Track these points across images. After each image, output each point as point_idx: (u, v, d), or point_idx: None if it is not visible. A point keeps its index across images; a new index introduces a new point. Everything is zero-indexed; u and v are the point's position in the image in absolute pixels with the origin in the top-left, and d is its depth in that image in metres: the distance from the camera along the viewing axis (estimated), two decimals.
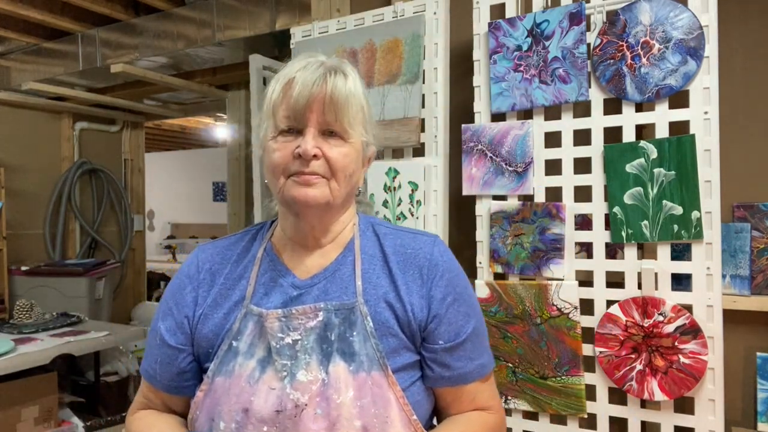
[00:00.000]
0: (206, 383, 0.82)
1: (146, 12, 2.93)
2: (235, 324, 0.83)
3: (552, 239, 1.44)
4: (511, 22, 1.51)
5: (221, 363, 0.82)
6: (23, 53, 3.42)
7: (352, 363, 0.78)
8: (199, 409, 0.82)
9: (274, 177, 0.82)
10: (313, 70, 0.81)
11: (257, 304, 0.84)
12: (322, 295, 0.83)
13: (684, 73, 1.30)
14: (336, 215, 0.87)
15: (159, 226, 8.76)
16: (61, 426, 2.52)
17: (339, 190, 0.82)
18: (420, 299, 0.84)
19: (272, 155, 0.82)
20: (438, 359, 0.84)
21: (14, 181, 3.63)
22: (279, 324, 0.80)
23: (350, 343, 0.79)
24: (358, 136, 0.84)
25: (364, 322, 0.80)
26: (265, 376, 0.78)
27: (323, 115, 0.80)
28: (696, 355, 1.28)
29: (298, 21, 2.45)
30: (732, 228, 1.41)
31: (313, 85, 0.79)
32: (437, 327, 0.84)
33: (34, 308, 2.90)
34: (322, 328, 0.80)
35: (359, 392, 0.77)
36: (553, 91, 1.45)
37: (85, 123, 4.16)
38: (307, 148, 0.78)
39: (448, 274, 0.87)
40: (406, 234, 0.91)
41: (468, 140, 1.57)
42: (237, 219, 3.55)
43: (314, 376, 0.77)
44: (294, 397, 0.76)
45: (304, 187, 0.80)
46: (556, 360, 1.43)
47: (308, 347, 0.79)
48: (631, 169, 1.35)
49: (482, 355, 0.88)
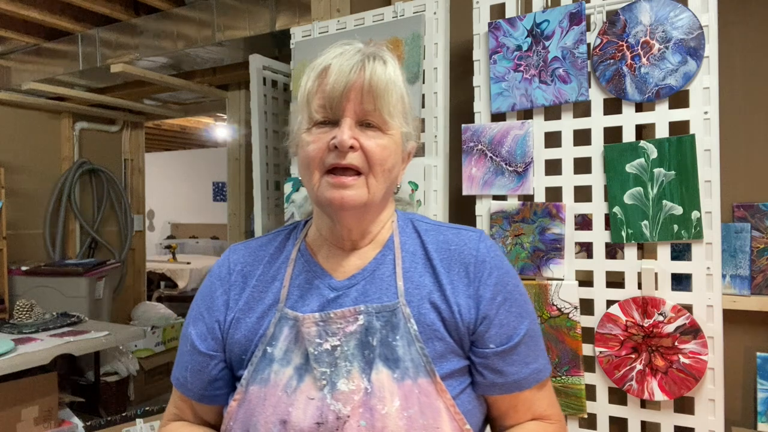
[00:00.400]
0: (240, 392, 0.77)
1: (146, 12, 2.93)
2: (270, 329, 0.77)
3: (552, 239, 1.44)
4: (511, 22, 1.51)
5: (255, 371, 0.76)
6: (23, 53, 3.42)
7: (396, 370, 0.72)
8: (233, 420, 0.77)
9: (308, 171, 0.77)
10: (349, 56, 0.75)
11: (292, 307, 0.78)
12: (360, 297, 0.77)
13: (684, 73, 1.30)
14: (374, 216, 0.81)
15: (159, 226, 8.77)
16: (61, 426, 2.52)
17: (377, 186, 0.76)
18: (467, 299, 0.78)
19: (306, 148, 0.76)
20: (489, 365, 0.78)
21: (14, 181, 3.63)
22: (316, 329, 0.75)
23: (393, 348, 0.73)
24: (397, 127, 0.78)
25: (407, 324, 0.74)
26: (303, 385, 0.73)
27: (361, 105, 0.74)
28: (696, 355, 1.28)
29: (298, 21, 2.45)
30: (732, 228, 1.41)
31: (351, 72, 0.74)
32: (487, 329, 0.77)
33: (34, 308, 2.90)
34: (363, 332, 0.75)
35: (406, 402, 0.71)
36: (553, 91, 1.45)
37: (85, 123, 4.16)
38: (344, 138, 0.72)
39: (497, 271, 0.80)
40: (448, 229, 0.84)
41: (468, 140, 1.57)
42: (237, 219, 3.55)
43: (356, 385, 0.71)
44: (335, 408, 0.70)
45: (340, 189, 0.74)
46: (556, 360, 1.43)
47: (349, 353, 0.74)
48: (631, 169, 1.35)
49: (537, 359, 0.81)
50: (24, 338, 2.52)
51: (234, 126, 3.62)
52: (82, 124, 4.14)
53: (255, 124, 2.15)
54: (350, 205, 0.74)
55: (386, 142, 0.76)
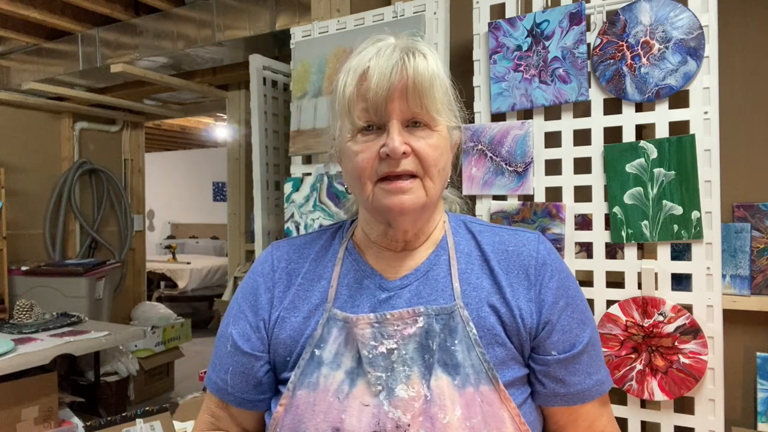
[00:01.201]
0: (287, 397, 0.72)
1: (146, 12, 2.93)
2: (318, 330, 0.74)
3: (552, 239, 1.44)
4: (511, 22, 1.51)
5: (303, 374, 0.72)
6: (23, 53, 3.42)
7: (456, 376, 0.68)
8: (279, 427, 0.72)
9: (359, 183, 0.72)
10: (388, 56, 0.71)
11: (341, 307, 0.75)
12: (414, 298, 0.73)
13: (684, 73, 1.30)
14: (430, 215, 0.78)
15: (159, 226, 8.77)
16: (61, 426, 2.52)
17: (434, 188, 0.72)
18: (528, 303, 0.74)
19: (355, 159, 0.72)
20: (551, 373, 0.74)
21: (14, 181, 3.63)
22: (371, 330, 0.71)
23: (452, 353, 0.69)
24: (445, 122, 0.74)
25: (465, 328, 0.71)
26: (355, 391, 0.69)
27: (407, 105, 0.70)
28: (696, 355, 1.28)
29: (298, 21, 2.45)
30: (732, 228, 1.41)
31: (392, 73, 0.69)
32: (549, 335, 0.73)
33: (34, 308, 2.90)
34: (423, 335, 0.70)
35: (468, 410, 0.66)
36: (553, 91, 1.45)
37: (85, 123, 4.16)
38: (396, 146, 0.68)
39: (558, 274, 0.76)
40: (504, 231, 0.80)
41: (468, 140, 1.57)
42: (237, 219, 3.55)
43: (416, 392, 0.67)
44: (394, 416, 0.66)
45: (399, 195, 0.70)
46: None
47: (407, 358, 0.69)
48: (631, 169, 1.35)
49: (600, 370, 0.77)
50: (24, 338, 2.52)
51: (234, 126, 3.62)
52: (82, 124, 4.14)
53: (255, 124, 2.15)
54: (410, 210, 0.71)
55: (436, 140, 0.72)
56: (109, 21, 3.02)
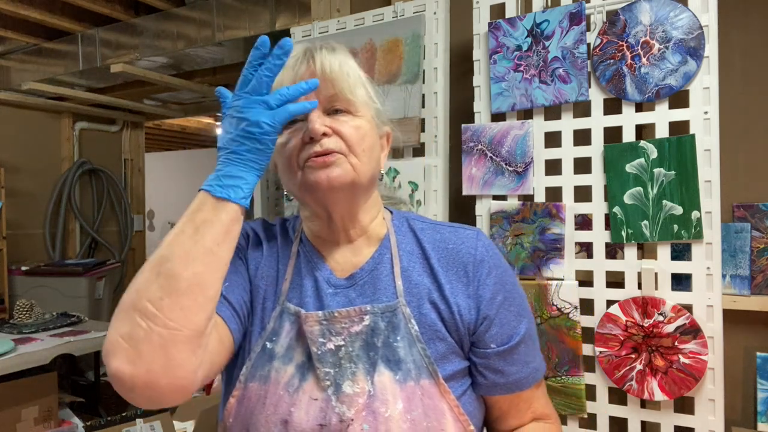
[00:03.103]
0: (239, 388, 0.74)
1: (146, 12, 2.93)
2: (270, 323, 0.75)
3: (552, 239, 1.44)
4: (511, 22, 1.51)
5: (254, 366, 0.74)
6: (23, 53, 3.42)
7: (398, 372, 0.71)
8: (232, 417, 0.74)
9: (290, 172, 0.75)
10: (299, 52, 0.76)
11: (292, 301, 0.77)
12: (360, 296, 0.76)
13: (684, 73, 1.30)
14: (362, 199, 0.79)
15: (159, 226, 8.76)
16: (61, 426, 2.52)
17: (361, 165, 0.74)
18: (467, 299, 0.76)
19: (282, 150, 0.75)
20: (491, 365, 0.77)
21: (14, 181, 3.63)
22: (320, 327, 0.73)
23: (395, 349, 0.72)
24: (365, 107, 0.77)
25: (407, 325, 0.73)
26: (306, 385, 0.71)
27: (323, 92, 0.74)
28: (696, 355, 1.28)
29: (298, 21, 2.44)
30: (732, 228, 1.41)
31: (300, 65, 0.74)
32: (488, 329, 0.77)
33: (34, 308, 2.90)
34: (368, 333, 0.73)
35: (409, 404, 0.69)
36: (553, 91, 1.45)
37: (85, 123, 4.16)
38: (316, 126, 0.71)
39: (496, 270, 0.79)
40: (445, 228, 0.82)
41: (468, 140, 1.57)
42: None
43: (361, 388, 0.70)
44: (339, 411, 0.69)
45: (324, 168, 0.71)
46: (556, 360, 1.43)
47: (354, 355, 0.72)
48: (631, 169, 1.35)
49: (535, 358, 0.81)
50: (24, 338, 2.52)
51: None
52: (82, 124, 4.14)
53: None
54: (338, 183, 0.72)
55: (359, 122, 0.75)
56: (109, 21, 3.01)
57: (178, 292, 0.61)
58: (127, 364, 0.59)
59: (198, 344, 0.62)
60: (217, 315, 0.71)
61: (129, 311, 0.60)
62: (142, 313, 0.60)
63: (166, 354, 0.60)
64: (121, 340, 0.60)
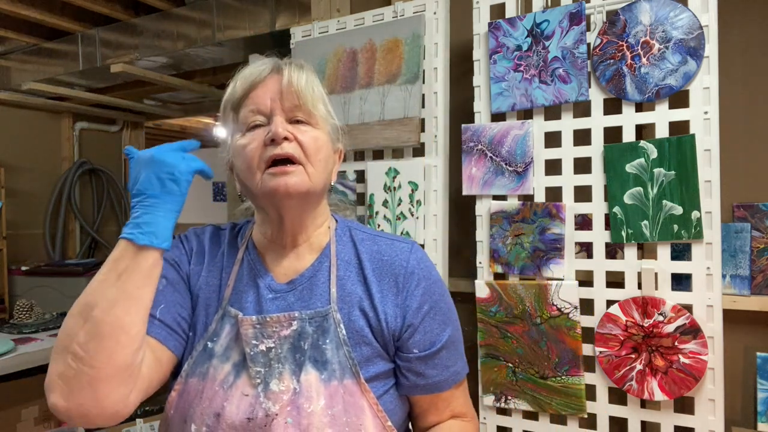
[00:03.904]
0: (180, 383, 0.81)
1: (146, 12, 2.93)
2: (212, 325, 0.82)
3: (552, 239, 1.44)
4: (511, 22, 1.51)
5: (195, 364, 0.81)
6: (23, 53, 3.42)
7: (324, 371, 0.78)
8: (173, 409, 0.82)
9: (249, 172, 0.81)
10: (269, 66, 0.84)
11: (233, 305, 0.84)
12: (297, 302, 0.83)
13: (684, 73, 1.30)
14: (313, 206, 0.86)
15: None
16: (61, 426, 2.52)
17: (316, 174, 0.81)
18: (395, 308, 0.83)
19: (243, 151, 0.81)
20: (412, 368, 0.84)
21: (14, 181, 3.63)
22: (253, 331, 0.79)
23: (323, 351, 0.79)
24: (324, 122, 0.85)
25: (336, 329, 0.80)
26: (239, 382, 0.78)
27: (287, 102, 0.81)
28: (696, 355, 1.28)
29: (298, 21, 2.44)
30: (732, 228, 1.41)
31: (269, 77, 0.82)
32: (412, 336, 0.84)
33: (34, 308, 2.90)
34: (295, 337, 0.80)
35: (330, 401, 0.76)
36: (553, 91, 1.45)
37: (85, 123, 4.15)
38: (278, 130, 0.78)
39: (425, 282, 0.86)
40: (383, 240, 0.89)
41: (468, 140, 1.57)
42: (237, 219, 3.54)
43: (286, 386, 0.77)
44: (265, 406, 0.76)
45: (283, 176, 0.78)
46: (556, 360, 1.43)
47: (281, 356, 0.79)
48: (631, 169, 1.35)
49: (456, 363, 0.88)
50: (24, 338, 2.52)
51: None
52: (82, 124, 4.14)
53: None
54: (294, 191, 0.78)
55: (318, 134, 0.83)
56: (109, 21, 3.01)
57: (101, 335, 0.67)
58: (62, 400, 0.67)
59: (125, 377, 0.69)
60: (153, 338, 0.78)
61: (62, 353, 0.68)
62: (72, 355, 0.67)
63: (94, 390, 0.67)
64: (56, 379, 0.68)
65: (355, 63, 1.73)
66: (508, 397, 1.50)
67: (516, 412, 1.51)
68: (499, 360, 1.51)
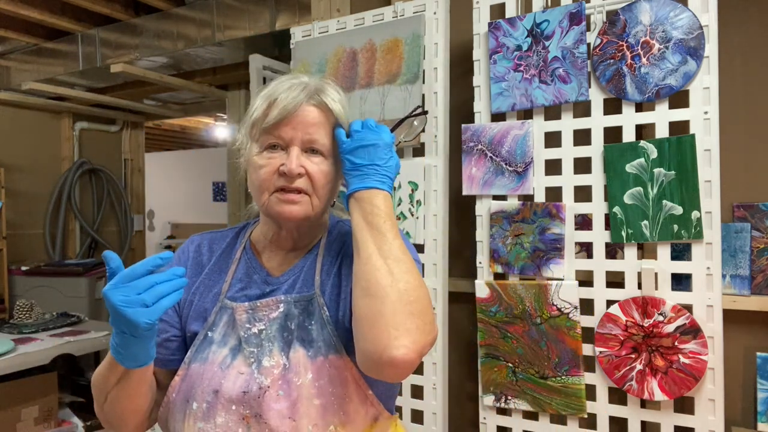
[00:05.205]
0: (183, 369, 0.89)
1: (146, 12, 2.93)
2: (211, 317, 0.90)
3: (552, 239, 1.44)
4: (511, 22, 1.51)
5: (197, 351, 0.89)
6: (23, 53, 3.42)
7: (310, 349, 0.85)
8: (176, 392, 0.88)
9: (259, 192, 0.88)
10: (297, 92, 0.86)
11: (231, 298, 0.91)
12: (289, 289, 0.90)
13: (684, 73, 1.30)
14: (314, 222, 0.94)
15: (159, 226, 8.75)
16: (61, 426, 2.52)
17: (319, 205, 0.88)
18: None
19: (258, 172, 0.87)
20: None
21: (14, 181, 3.63)
22: (246, 315, 0.88)
23: (309, 331, 0.87)
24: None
25: (321, 311, 0.87)
26: (235, 363, 0.86)
27: (306, 134, 0.86)
28: (696, 355, 1.28)
29: (298, 21, 2.44)
30: (732, 228, 1.41)
31: (295, 106, 0.86)
32: None
33: (34, 308, 2.90)
34: (282, 318, 0.87)
35: (317, 374, 0.84)
36: (553, 91, 1.45)
37: (85, 123, 4.16)
38: (293, 168, 0.84)
39: None
40: None
41: (468, 140, 1.57)
42: (237, 219, 3.55)
43: (276, 362, 0.85)
44: (259, 381, 0.84)
45: (288, 204, 0.86)
46: (556, 360, 1.43)
47: (271, 335, 0.87)
48: (631, 169, 1.35)
49: None
50: (24, 338, 2.52)
51: (234, 126, 3.62)
52: (82, 124, 4.14)
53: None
54: (297, 219, 0.87)
55: (327, 167, 0.88)
56: (109, 21, 3.01)
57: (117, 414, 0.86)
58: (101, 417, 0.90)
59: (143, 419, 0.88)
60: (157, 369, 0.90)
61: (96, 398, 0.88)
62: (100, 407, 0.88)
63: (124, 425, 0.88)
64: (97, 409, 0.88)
65: (355, 63, 1.73)
66: (508, 397, 1.50)
67: (516, 412, 1.51)
68: (499, 360, 1.51)
